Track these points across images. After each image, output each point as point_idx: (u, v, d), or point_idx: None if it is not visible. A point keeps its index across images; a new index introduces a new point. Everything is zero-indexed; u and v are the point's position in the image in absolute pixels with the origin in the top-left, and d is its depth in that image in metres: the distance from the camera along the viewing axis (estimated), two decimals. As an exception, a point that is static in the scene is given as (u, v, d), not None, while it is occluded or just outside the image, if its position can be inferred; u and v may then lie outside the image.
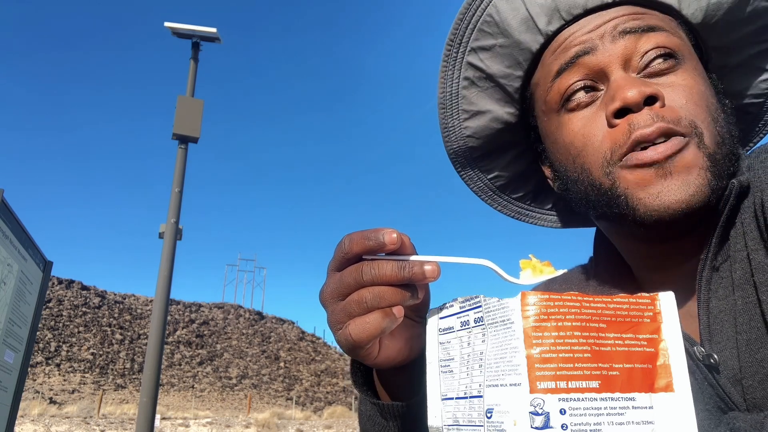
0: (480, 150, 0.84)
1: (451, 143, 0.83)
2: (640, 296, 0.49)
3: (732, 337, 0.60)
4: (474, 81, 0.78)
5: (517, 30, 0.72)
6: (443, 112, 0.81)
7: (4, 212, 1.27)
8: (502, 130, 0.82)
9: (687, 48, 0.69)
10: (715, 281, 0.62)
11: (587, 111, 0.68)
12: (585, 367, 0.44)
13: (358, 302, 0.55)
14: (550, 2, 0.70)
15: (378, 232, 0.54)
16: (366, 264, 0.55)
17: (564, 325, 0.45)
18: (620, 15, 0.68)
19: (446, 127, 0.82)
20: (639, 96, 0.62)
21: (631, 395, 0.45)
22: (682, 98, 0.64)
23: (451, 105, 0.80)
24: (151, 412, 7.24)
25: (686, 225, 0.64)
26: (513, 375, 0.45)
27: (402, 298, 0.54)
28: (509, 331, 0.47)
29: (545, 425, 0.42)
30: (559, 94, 0.69)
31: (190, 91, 9.13)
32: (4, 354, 1.34)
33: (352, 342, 0.55)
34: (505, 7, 0.72)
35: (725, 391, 0.59)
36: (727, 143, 0.65)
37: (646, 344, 0.47)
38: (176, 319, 46.58)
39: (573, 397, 0.43)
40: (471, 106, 0.80)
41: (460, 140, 0.83)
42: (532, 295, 0.46)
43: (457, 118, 0.81)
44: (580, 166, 0.68)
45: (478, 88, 0.79)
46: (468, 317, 0.53)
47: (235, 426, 21.98)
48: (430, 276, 0.54)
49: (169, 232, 8.11)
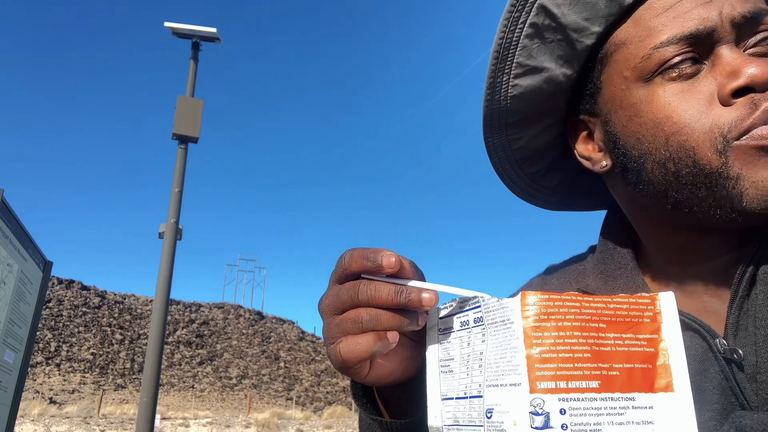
0: (518, 115, 0.73)
1: (493, 102, 0.73)
2: (640, 296, 0.49)
3: (751, 333, 0.57)
4: (541, 29, 0.67)
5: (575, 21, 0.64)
6: (495, 63, 0.70)
7: (4, 212, 1.27)
8: (550, 94, 0.71)
9: None
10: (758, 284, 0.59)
11: (689, 84, 0.60)
12: (585, 367, 0.44)
13: (353, 320, 0.54)
14: None
15: (377, 253, 0.53)
16: (363, 283, 0.54)
17: (564, 325, 0.45)
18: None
19: (493, 83, 0.71)
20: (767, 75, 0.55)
21: (631, 395, 0.45)
22: None
23: (506, 56, 0.69)
24: (151, 412, 7.26)
25: None
26: (513, 375, 0.45)
27: (399, 323, 0.53)
28: (509, 331, 0.47)
29: (545, 425, 0.42)
30: (657, 63, 0.60)
31: (190, 91, 9.15)
32: (4, 354, 1.34)
33: (341, 360, 0.55)
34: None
35: (740, 387, 0.57)
36: None
37: (646, 344, 0.47)
38: (176, 319, 46.61)
39: (573, 397, 0.43)
40: (529, 60, 0.69)
41: (504, 100, 0.72)
42: (532, 294, 0.46)
43: (508, 73, 0.70)
44: (677, 144, 0.60)
45: (543, 40, 0.67)
46: (468, 317, 0.53)
47: (235, 426, 22.01)
48: (427, 304, 0.52)
49: (169, 232, 8.12)
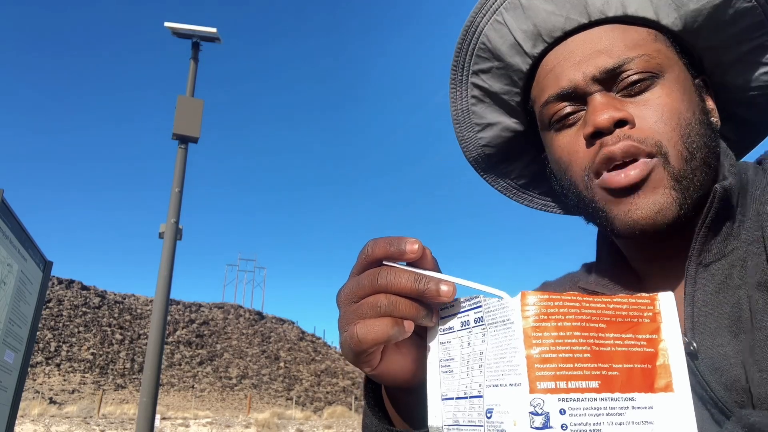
0: (497, 156, 0.92)
1: (469, 152, 0.92)
2: (640, 296, 0.49)
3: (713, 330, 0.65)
4: (480, 98, 0.87)
5: (507, 54, 0.80)
6: (458, 126, 0.91)
7: (4, 212, 1.27)
8: (513, 138, 0.89)
9: (669, 60, 0.73)
10: (703, 277, 0.67)
11: (572, 130, 0.75)
12: (585, 367, 0.44)
13: (372, 305, 0.54)
14: (532, 28, 0.77)
15: (401, 240, 0.54)
16: (384, 269, 0.55)
17: (564, 325, 0.45)
18: (601, 38, 0.73)
19: (462, 139, 0.92)
20: (609, 122, 0.68)
21: (631, 395, 0.45)
22: (653, 117, 0.69)
23: (463, 120, 0.90)
24: (151, 412, 7.26)
25: (665, 232, 0.69)
26: (513, 375, 0.45)
27: (416, 313, 0.54)
28: (509, 331, 0.47)
29: (545, 425, 0.42)
30: (548, 116, 0.76)
31: (190, 91, 9.15)
32: (4, 354, 1.34)
33: (357, 341, 0.54)
34: (495, 35, 0.80)
35: (705, 380, 0.62)
36: (698, 156, 0.69)
37: (645, 344, 0.47)
38: (176, 319, 46.62)
39: (573, 397, 0.43)
40: (482, 120, 0.89)
41: (476, 149, 0.92)
42: (532, 295, 0.46)
43: (470, 131, 0.90)
44: (568, 179, 0.76)
45: (486, 104, 0.88)
46: (468, 317, 0.53)
47: (235, 426, 22.01)
48: (444, 296, 0.52)
49: (169, 232, 8.12)
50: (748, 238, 0.66)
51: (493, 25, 0.80)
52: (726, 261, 0.67)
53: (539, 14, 0.76)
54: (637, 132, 0.68)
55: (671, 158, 0.68)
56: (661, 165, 0.68)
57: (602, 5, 0.73)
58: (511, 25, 0.78)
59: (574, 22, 0.74)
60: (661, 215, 0.67)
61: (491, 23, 0.80)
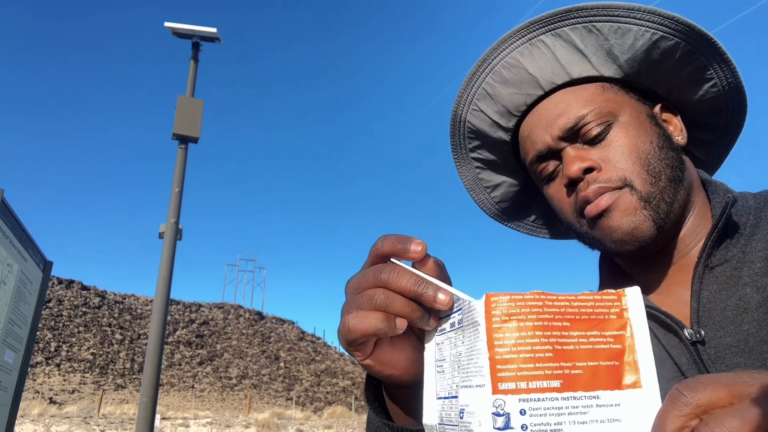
0: (512, 208, 1.07)
1: (488, 210, 1.07)
2: (606, 293, 0.48)
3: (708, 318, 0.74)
4: (483, 167, 1.03)
5: (490, 132, 0.96)
6: (472, 192, 1.06)
7: (4, 212, 1.29)
8: (521, 190, 1.04)
9: (619, 104, 0.84)
10: (709, 278, 0.76)
11: (557, 181, 0.89)
12: (546, 366, 0.44)
13: (369, 297, 0.56)
14: (502, 108, 0.92)
15: (408, 239, 0.56)
16: (389, 266, 0.56)
17: (525, 325, 0.45)
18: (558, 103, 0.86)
19: (479, 201, 1.07)
20: (578, 172, 0.81)
21: (595, 393, 0.44)
22: (615, 157, 0.81)
23: (475, 186, 1.06)
24: (151, 412, 7.26)
25: (653, 245, 0.80)
26: (478, 376, 0.45)
27: (411, 312, 0.54)
28: (476, 333, 0.47)
29: (506, 426, 0.42)
30: (537, 174, 0.91)
31: (190, 91, 9.14)
32: (4, 354, 1.36)
33: (347, 330, 0.56)
34: (476, 120, 0.96)
35: (708, 370, 0.70)
36: (663, 177, 0.80)
37: (612, 341, 0.46)
38: (176, 319, 46.54)
39: (533, 398, 0.43)
40: (490, 182, 1.04)
41: (493, 207, 1.07)
42: (495, 296, 0.46)
43: (483, 194, 1.06)
44: (565, 220, 0.89)
45: (489, 170, 1.03)
46: (455, 319, 0.53)
47: (235, 426, 21.98)
48: (440, 304, 0.53)
49: (169, 232, 8.12)
50: (755, 247, 0.76)
51: (473, 113, 0.96)
52: (729, 265, 0.76)
53: (504, 97, 0.91)
54: (604, 174, 0.80)
55: (637, 185, 0.79)
56: (628, 192, 0.79)
57: (551, 76, 0.86)
58: (485, 110, 0.94)
59: (532, 96, 0.88)
60: (639, 231, 0.78)
61: (470, 112, 0.96)
